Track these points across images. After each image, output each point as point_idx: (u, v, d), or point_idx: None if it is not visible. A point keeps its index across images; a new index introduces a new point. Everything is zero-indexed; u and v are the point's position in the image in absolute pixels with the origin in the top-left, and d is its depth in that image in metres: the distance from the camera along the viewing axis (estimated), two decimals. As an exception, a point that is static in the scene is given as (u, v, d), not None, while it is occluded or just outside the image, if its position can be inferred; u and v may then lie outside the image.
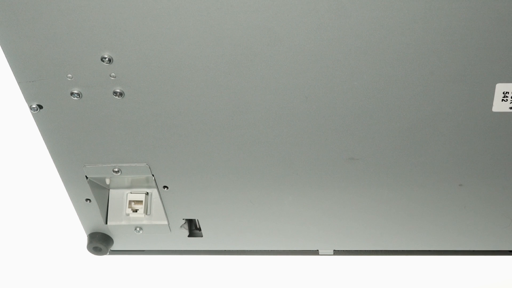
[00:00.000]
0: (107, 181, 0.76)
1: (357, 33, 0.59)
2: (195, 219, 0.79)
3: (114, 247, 0.82)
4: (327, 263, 0.87)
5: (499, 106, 0.64)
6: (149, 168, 0.72)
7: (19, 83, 0.64)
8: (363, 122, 0.66)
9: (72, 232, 0.88)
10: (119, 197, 0.77)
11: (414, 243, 0.79)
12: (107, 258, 0.86)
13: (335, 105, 0.64)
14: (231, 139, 0.68)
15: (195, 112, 0.66)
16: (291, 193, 0.74)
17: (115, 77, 0.63)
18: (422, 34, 0.59)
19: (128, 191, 0.77)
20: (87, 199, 0.76)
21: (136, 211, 0.77)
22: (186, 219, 0.79)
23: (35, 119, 0.67)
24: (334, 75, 0.62)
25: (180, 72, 0.63)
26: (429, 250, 0.80)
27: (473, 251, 0.80)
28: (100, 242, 0.80)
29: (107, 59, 0.62)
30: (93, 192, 0.75)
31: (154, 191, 0.77)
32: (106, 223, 0.78)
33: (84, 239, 0.81)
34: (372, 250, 0.81)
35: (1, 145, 0.91)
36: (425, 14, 0.58)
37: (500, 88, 0.62)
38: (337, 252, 0.81)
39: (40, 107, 0.66)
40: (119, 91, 0.64)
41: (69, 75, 0.63)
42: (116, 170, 0.72)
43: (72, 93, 0.65)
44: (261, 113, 0.66)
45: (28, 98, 0.65)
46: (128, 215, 0.78)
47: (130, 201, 0.77)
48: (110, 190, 0.77)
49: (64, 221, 0.89)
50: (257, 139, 0.68)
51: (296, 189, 0.73)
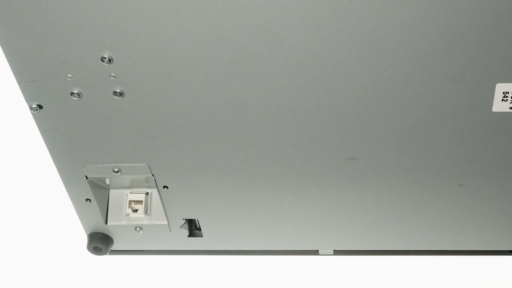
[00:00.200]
0: (107, 181, 0.76)
1: (357, 33, 0.59)
2: (195, 219, 0.79)
3: (114, 247, 0.82)
4: (327, 263, 0.87)
5: (499, 106, 0.64)
6: (149, 168, 0.72)
7: (19, 83, 0.64)
8: (363, 122, 0.66)
9: (72, 232, 0.88)
10: (119, 197, 0.77)
11: (414, 243, 0.79)
12: (107, 258, 0.86)
13: (335, 105, 0.64)
14: (231, 139, 0.68)
15: (195, 112, 0.66)
16: (291, 193, 0.74)
17: (115, 77, 0.63)
18: (422, 34, 0.59)
19: (128, 191, 0.77)
20: (87, 199, 0.76)
21: (136, 211, 0.77)
22: (186, 219, 0.79)
23: (35, 119, 0.67)
24: (334, 75, 0.62)
25: (180, 72, 0.63)
26: (429, 250, 0.80)
27: (473, 251, 0.80)
28: (100, 242, 0.80)
29: (107, 59, 0.62)
30: (93, 192, 0.75)
31: (154, 191, 0.77)
32: (106, 223, 0.78)
33: (84, 239, 0.81)
34: (372, 250, 0.81)
35: (1, 145, 0.91)
36: (425, 14, 0.58)
37: (500, 88, 0.62)
38: (337, 252, 0.81)
39: (40, 107, 0.66)
40: (119, 91, 0.64)
41: (69, 75, 0.63)
42: (116, 170, 0.72)
43: (72, 93, 0.65)
44: (261, 113, 0.66)
45: (28, 98, 0.65)
46: (128, 215, 0.78)
47: (130, 201, 0.77)
48: (110, 190, 0.77)
49: (64, 221, 0.89)
50: (257, 139, 0.68)
51: (296, 189, 0.73)
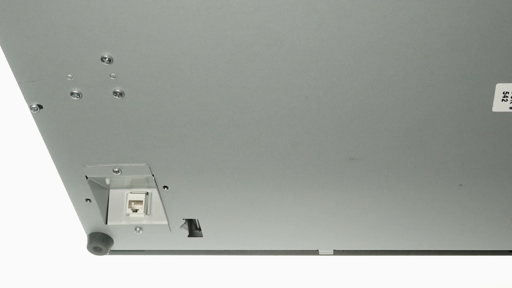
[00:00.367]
0: (107, 181, 0.76)
1: (357, 33, 0.59)
2: (195, 219, 0.79)
3: (114, 247, 0.82)
4: (327, 263, 0.87)
5: (499, 106, 0.63)
6: (149, 168, 0.72)
7: (19, 83, 0.64)
8: (363, 122, 0.66)
9: (72, 232, 0.88)
10: (119, 197, 0.77)
11: (414, 243, 0.79)
12: (107, 258, 0.86)
13: (335, 105, 0.64)
14: (231, 139, 0.68)
15: (195, 112, 0.66)
16: (291, 193, 0.74)
17: (115, 77, 0.63)
18: (422, 34, 0.59)
19: (128, 191, 0.77)
20: (87, 199, 0.76)
21: (136, 211, 0.77)
22: (186, 219, 0.79)
23: (35, 119, 0.67)
24: (334, 75, 0.62)
25: (180, 72, 0.63)
26: (429, 250, 0.80)
27: (473, 251, 0.80)
28: (100, 242, 0.80)
29: (107, 59, 0.62)
30: (93, 192, 0.75)
31: (154, 191, 0.77)
32: (106, 223, 0.78)
33: (84, 239, 0.81)
34: (372, 250, 0.81)
35: (1, 145, 0.91)
36: (425, 14, 0.58)
37: (500, 88, 0.62)
38: (337, 252, 0.81)
39: (40, 107, 0.66)
40: (119, 91, 0.64)
41: (69, 75, 0.63)
42: (116, 170, 0.72)
43: (72, 93, 0.65)
44: (261, 113, 0.66)
45: (28, 98, 0.65)
46: (128, 215, 0.78)
47: (130, 201, 0.77)
48: (110, 190, 0.77)
49: (64, 221, 0.89)
50: (257, 139, 0.68)
51: (296, 189, 0.73)
